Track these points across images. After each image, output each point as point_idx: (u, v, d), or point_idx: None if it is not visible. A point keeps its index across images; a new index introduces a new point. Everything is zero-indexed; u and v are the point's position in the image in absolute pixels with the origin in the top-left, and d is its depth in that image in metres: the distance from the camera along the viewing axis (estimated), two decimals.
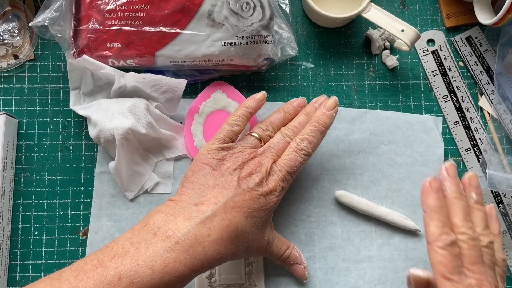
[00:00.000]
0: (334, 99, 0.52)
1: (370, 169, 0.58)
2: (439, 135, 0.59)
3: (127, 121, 0.53)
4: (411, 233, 0.57)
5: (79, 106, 0.56)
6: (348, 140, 0.59)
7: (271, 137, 0.52)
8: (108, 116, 0.53)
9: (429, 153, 0.58)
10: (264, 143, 0.51)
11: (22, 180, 0.58)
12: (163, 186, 0.58)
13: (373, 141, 0.59)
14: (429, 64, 0.60)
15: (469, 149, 0.59)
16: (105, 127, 0.52)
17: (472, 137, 0.59)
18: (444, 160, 0.59)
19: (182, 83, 0.55)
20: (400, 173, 0.58)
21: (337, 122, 0.58)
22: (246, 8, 0.54)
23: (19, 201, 0.58)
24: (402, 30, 0.55)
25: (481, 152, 0.59)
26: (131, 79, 0.55)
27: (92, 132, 0.54)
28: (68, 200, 0.58)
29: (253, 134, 0.51)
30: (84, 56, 0.53)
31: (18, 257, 0.57)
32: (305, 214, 0.57)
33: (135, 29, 0.54)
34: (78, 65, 0.54)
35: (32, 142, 0.58)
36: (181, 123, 0.58)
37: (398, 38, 0.56)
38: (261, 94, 0.53)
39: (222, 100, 0.58)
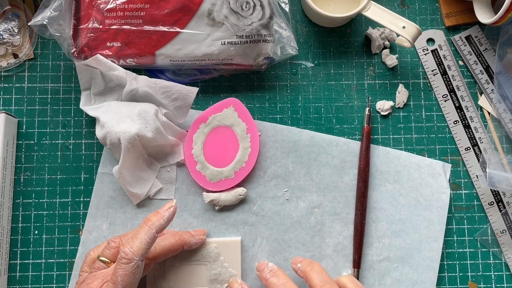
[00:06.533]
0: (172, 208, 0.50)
1: (371, 206, 0.57)
2: (446, 181, 0.58)
3: (135, 126, 0.52)
4: (404, 274, 0.56)
5: (89, 106, 0.56)
6: (353, 173, 0.58)
7: None
8: (116, 120, 0.53)
9: (434, 198, 0.57)
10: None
11: (22, 179, 0.58)
12: (165, 192, 0.57)
13: (379, 178, 0.58)
14: (428, 63, 0.60)
15: (468, 148, 0.59)
16: (112, 130, 0.52)
17: (472, 136, 0.59)
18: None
19: (193, 91, 0.55)
20: (402, 214, 0.57)
21: (345, 155, 0.58)
22: (246, 7, 0.54)
23: (19, 200, 0.58)
24: (404, 27, 0.55)
25: (480, 151, 0.59)
26: (143, 83, 0.54)
27: (99, 133, 0.54)
28: (68, 199, 0.58)
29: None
30: (98, 55, 0.53)
31: (18, 256, 0.57)
32: (300, 242, 0.57)
33: (135, 28, 0.54)
34: (91, 65, 0.54)
35: (32, 141, 0.58)
36: (187, 131, 0.58)
37: (400, 35, 0.56)
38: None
39: (231, 118, 0.57)
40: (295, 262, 0.53)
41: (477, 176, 0.59)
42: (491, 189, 0.58)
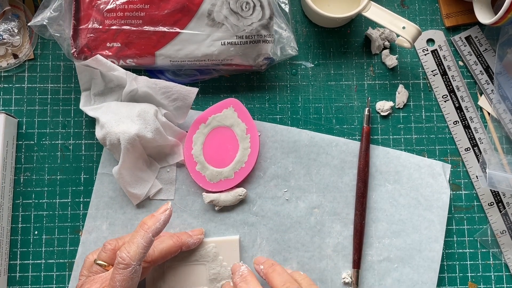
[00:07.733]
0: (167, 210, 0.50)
1: (371, 206, 0.57)
2: (446, 181, 0.58)
3: (134, 127, 0.52)
4: (404, 275, 0.56)
5: (89, 107, 0.56)
6: (353, 173, 0.58)
7: None
8: (116, 120, 0.53)
9: (434, 198, 0.57)
10: None
11: (21, 179, 0.58)
12: (165, 192, 0.57)
13: (378, 178, 0.58)
14: (428, 63, 0.60)
15: (468, 149, 0.59)
16: (111, 130, 0.52)
17: (472, 136, 0.59)
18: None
19: (193, 91, 0.55)
20: (402, 214, 0.57)
21: (345, 155, 0.58)
22: (246, 7, 0.54)
23: (18, 201, 0.58)
24: (403, 27, 0.55)
25: (480, 152, 0.59)
26: (142, 83, 0.54)
27: (98, 133, 0.54)
28: (68, 200, 0.58)
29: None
30: (98, 56, 0.53)
31: (18, 256, 0.57)
32: (300, 242, 0.57)
33: (135, 28, 0.54)
34: (91, 65, 0.54)
35: (31, 142, 0.58)
36: (186, 132, 0.58)
37: (399, 36, 0.56)
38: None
39: (231, 118, 0.57)
40: (258, 262, 0.53)
41: (477, 176, 0.59)
42: (491, 190, 0.58)
